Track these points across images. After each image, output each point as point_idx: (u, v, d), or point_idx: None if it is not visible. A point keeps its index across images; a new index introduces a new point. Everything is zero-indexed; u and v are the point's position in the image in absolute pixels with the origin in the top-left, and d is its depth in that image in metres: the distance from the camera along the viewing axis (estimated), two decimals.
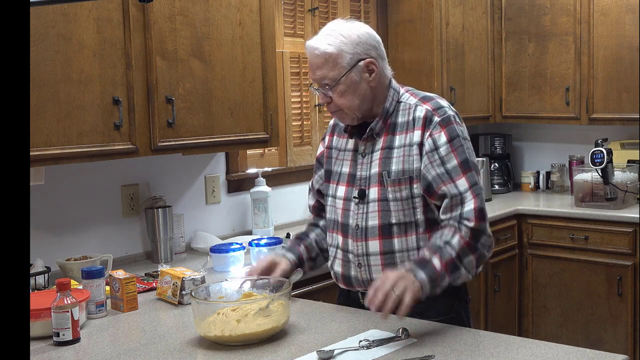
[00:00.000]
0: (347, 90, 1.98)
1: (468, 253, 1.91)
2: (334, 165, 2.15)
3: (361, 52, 1.99)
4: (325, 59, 1.97)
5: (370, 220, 2.02)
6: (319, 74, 1.99)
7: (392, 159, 2.00)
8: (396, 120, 2.03)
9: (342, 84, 1.97)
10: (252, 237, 3.09)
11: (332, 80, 1.97)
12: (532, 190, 4.54)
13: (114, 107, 2.46)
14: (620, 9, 3.92)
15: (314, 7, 3.77)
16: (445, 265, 1.87)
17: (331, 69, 1.97)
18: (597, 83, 4.04)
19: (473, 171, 1.97)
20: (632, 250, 3.67)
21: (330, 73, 1.97)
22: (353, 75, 1.98)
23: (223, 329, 1.81)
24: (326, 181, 2.17)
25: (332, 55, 1.96)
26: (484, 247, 1.94)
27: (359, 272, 2.05)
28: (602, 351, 1.75)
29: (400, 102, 2.05)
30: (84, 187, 2.79)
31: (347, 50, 1.97)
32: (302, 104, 3.73)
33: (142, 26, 2.53)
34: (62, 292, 1.90)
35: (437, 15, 3.96)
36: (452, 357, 1.71)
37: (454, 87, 4.08)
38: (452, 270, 1.89)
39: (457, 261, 1.90)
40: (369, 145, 2.06)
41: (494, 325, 3.79)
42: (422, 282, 1.82)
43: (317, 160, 2.24)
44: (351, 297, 2.15)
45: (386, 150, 2.02)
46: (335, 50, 1.96)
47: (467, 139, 2.00)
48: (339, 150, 2.15)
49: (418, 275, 1.83)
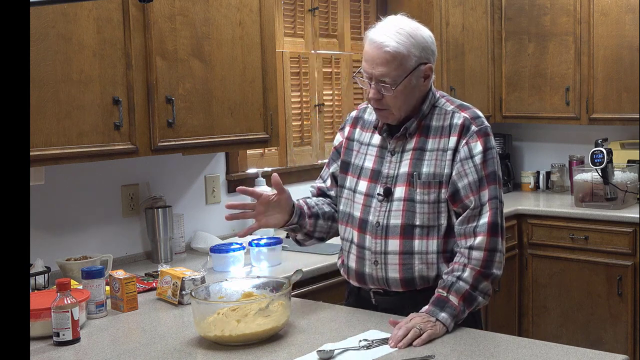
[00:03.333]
0: (403, 91, 1.96)
1: (482, 280, 1.94)
2: (354, 157, 2.12)
3: (424, 57, 1.98)
4: (394, 57, 1.93)
5: (392, 219, 2.00)
6: (381, 70, 1.94)
7: (424, 161, 1.99)
8: (430, 123, 2.02)
9: (401, 85, 1.95)
10: (252, 237, 3.08)
11: (393, 80, 1.94)
12: (532, 190, 4.54)
13: (114, 107, 2.46)
14: (620, 9, 3.92)
15: (314, 7, 3.77)
16: (462, 299, 1.91)
17: (395, 68, 1.94)
18: (597, 83, 4.05)
19: (497, 185, 1.99)
20: (632, 250, 3.67)
21: (393, 72, 1.94)
22: (413, 78, 1.97)
23: (223, 329, 1.81)
24: (343, 172, 2.14)
25: (400, 55, 1.93)
26: (497, 267, 1.96)
27: (375, 269, 2.03)
28: (602, 351, 1.75)
29: (436, 106, 2.04)
30: (84, 187, 2.79)
31: (414, 53, 1.95)
32: (302, 104, 3.73)
33: (142, 26, 2.53)
34: (62, 292, 1.90)
35: (437, 15, 3.96)
36: (452, 357, 1.71)
37: (454, 87, 4.07)
38: (470, 302, 1.92)
39: (473, 291, 1.93)
40: (400, 144, 2.04)
41: (494, 325, 3.79)
42: (444, 322, 1.87)
43: (336, 149, 2.21)
44: (362, 295, 2.12)
45: (418, 151, 2.01)
46: (405, 51, 1.94)
47: (496, 151, 2.02)
48: (361, 143, 2.13)
49: (440, 316, 1.87)
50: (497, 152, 2.02)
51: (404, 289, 2.02)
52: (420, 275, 1.99)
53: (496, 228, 1.95)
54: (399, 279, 2.00)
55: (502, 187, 2.02)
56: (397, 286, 2.02)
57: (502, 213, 1.99)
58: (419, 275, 1.99)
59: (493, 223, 1.94)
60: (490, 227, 1.94)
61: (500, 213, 1.98)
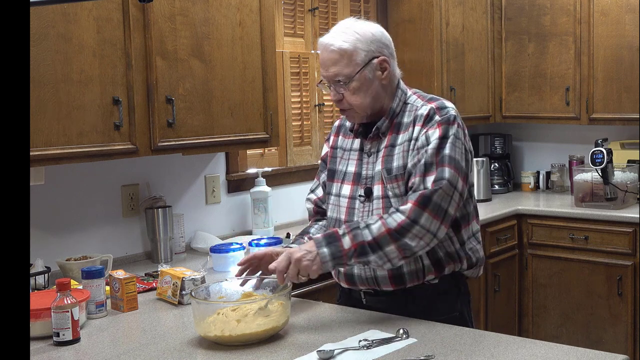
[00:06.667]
0: (360, 87, 1.99)
1: (389, 242, 1.88)
2: (338, 164, 2.15)
3: (375, 50, 2.00)
4: (341, 55, 1.97)
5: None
6: (333, 70, 1.98)
7: (394, 156, 2.00)
8: (402, 120, 2.03)
9: (356, 81, 1.98)
10: (252, 237, 3.09)
11: (346, 77, 1.98)
12: (532, 190, 4.54)
13: (114, 107, 2.46)
14: (620, 9, 3.92)
15: (314, 7, 3.77)
16: (356, 247, 1.88)
17: (346, 65, 1.97)
18: (597, 83, 4.04)
19: (446, 167, 1.91)
20: (632, 250, 3.67)
21: (344, 70, 1.97)
22: (367, 72, 1.98)
23: (223, 329, 1.81)
24: (329, 180, 2.17)
25: (347, 52, 1.97)
26: (412, 239, 1.88)
27: (363, 270, 2.04)
28: (602, 351, 1.75)
29: (407, 103, 2.05)
30: (84, 187, 2.79)
31: (362, 48, 1.97)
32: (302, 104, 3.73)
33: (142, 26, 2.53)
34: (62, 292, 1.90)
35: (437, 15, 3.96)
36: (452, 357, 1.71)
37: (454, 87, 4.07)
38: (361, 254, 1.88)
39: (371, 246, 1.87)
40: (375, 144, 2.06)
41: (494, 325, 3.79)
42: (322, 258, 1.87)
43: (322, 160, 2.24)
44: (353, 296, 2.14)
45: (389, 148, 2.02)
46: (351, 47, 1.97)
47: (460, 140, 1.96)
48: (344, 150, 2.15)
49: (320, 250, 1.88)
50: (460, 139, 1.95)
51: (394, 287, 2.03)
52: (409, 271, 2.00)
53: (427, 202, 1.88)
54: (388, 276, 2.01)
55: (464, 178, 1.94)
56: (387, 284, 2.03)
57: (449, 197, 1.90)
58: (408, 271, 2.00)
59: (426, 197, 1.88)
60: (420, 198, 1.88)
61: (445, 195, 1.89)
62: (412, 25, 4.04)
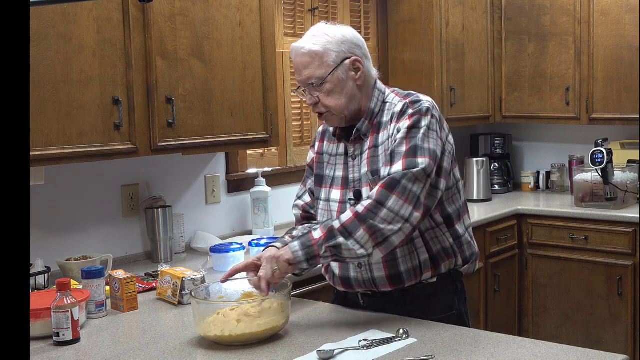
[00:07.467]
0: (334, 89, 1.98)
1: (357, 226, 1.84)
2: (325, 169, 2.14)
3: (346, 51, 1.99)
4: (312, 57, 1.97)
5: None
6: (306, 73, 1.99)
7: (379, 157, 1.99)
8: (381, 119, 2.03)
9: (329, 83, 1.98)
10: (252, 237, 3.09)
11: (318, 79, 1.98)
12: (532, 190, 4.54)
13: (114, 107, 2.46)
14: (620, 9, 3.92)
15: (314, 7, 3.77)
16: (324, 235, 1.86)
17: (317, 67, 1.97)
18: (597, 83, 4.04)
19: (418, 158, 1.87)
20: (632, 250, 3.67)
21: (317, 72, 1.97)
22: (339, 73, 1.98)
23: (223, 329, 1.81)
24: (317, 185, 2.16)
25: (318, 54, 1.97)
26: (381, 222, 1.83)
27: (360, 272, 2.04)
28: (602, 351, 1.75)
29: (385, 102, 2.05)
30: (84, 187, 2.79)
31: (332, 49, 1.98)
32: (302, 104, 3.73)
33: (142, 26, 2.53)
34: (62, 292, 1.90)
35: (437, 15, 3.96)
36: (452, 357, 1.71)
37: (454, 87, 4.07)
38: (328, 238, 1.85)
39: (340, 232, 1.84)
40: (358, 147, 2.06)
41: (494, 325, 3.79)
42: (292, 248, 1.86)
43: (309, 166, 2.23)
44: (349, 299, 2.14)
45: (373, 149, 2.01)
46: (321, 49, 1.97)
47: (435, 132, 1.93)
48: (330, 155, 2.14)
49: (292, 244, 1.88)
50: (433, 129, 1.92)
51: (392, 288, 2.02)
52: (406, 269, 2.00)
53: (394, 184, 1.84)
54: (386, 276, 2.01)
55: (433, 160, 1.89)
56: (384, 285, 2.02)
57: (421, 183, 1.86)
58: (405, 269, 2.00)
59: (394, 179, 1.85)
60: (389, 181, 1.85)
61: (416, 180, 1.85)
62: (412, 25, 4.04)
